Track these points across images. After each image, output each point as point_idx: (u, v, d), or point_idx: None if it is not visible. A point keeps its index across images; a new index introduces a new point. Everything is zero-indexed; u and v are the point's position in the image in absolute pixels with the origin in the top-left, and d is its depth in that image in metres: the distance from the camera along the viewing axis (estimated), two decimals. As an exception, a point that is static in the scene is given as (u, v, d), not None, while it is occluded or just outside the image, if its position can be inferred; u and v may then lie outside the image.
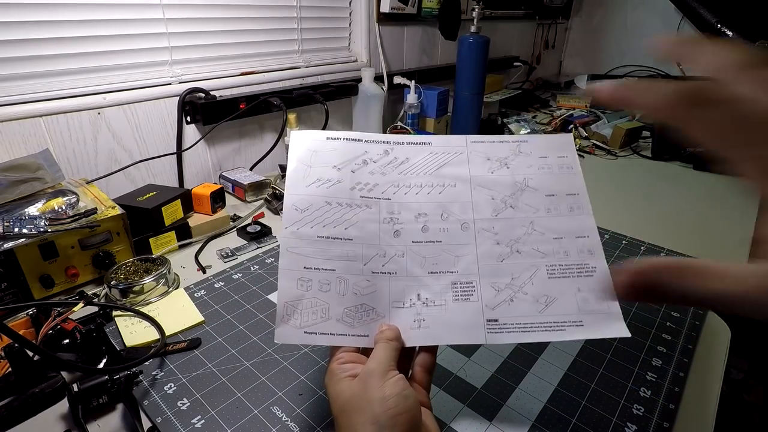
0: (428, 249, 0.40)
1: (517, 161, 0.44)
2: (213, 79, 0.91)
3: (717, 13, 1.59)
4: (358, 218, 0.40)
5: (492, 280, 0.39)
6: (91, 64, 0.76)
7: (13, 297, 0.54)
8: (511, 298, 0.38)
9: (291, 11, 1.02)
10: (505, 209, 0.42)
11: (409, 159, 0.43)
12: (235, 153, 1.00)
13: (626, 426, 0.41)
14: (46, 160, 0.65)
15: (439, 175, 0.43)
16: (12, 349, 0.40)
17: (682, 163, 1.12)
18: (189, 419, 0.41)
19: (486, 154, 0.44)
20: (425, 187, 0.42)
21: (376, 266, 0.39)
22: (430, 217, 0.41)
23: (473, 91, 1.21)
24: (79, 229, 0.57)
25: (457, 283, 0.39)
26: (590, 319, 0.37)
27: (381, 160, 0.43)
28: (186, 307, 0.56)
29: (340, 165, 0.42)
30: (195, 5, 0.85)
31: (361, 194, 0.41)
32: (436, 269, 0.39)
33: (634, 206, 0.89)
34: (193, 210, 0.77)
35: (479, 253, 0.40)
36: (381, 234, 0.40)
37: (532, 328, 0.37)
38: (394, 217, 0.41)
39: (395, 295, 0.38)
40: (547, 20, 2.01)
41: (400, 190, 0.42)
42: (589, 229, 0.40)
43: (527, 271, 0.39)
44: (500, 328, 0.37)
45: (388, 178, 0.42)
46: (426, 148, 0.44)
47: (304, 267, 0.38)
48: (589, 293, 0.38)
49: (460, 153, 0.44)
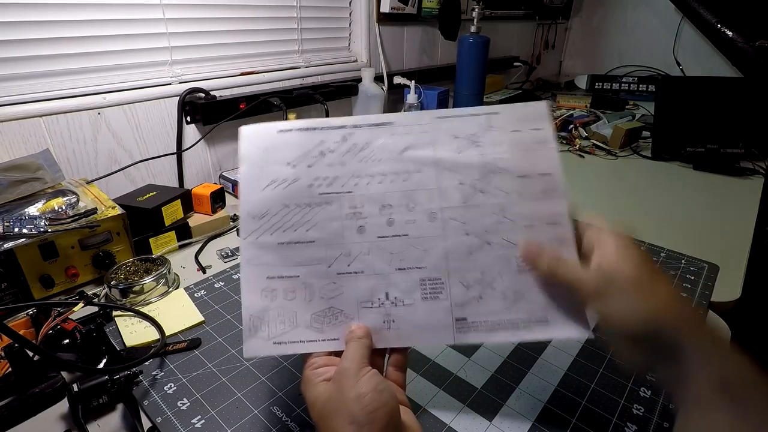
0: (395, 243, 0.38)
1: (486, 137, 0.40)
2: (213, 79, 0.91)
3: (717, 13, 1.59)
4: (319, 218, 0.38)
5: (461, 276, 0.38)
6: (91, 64, 0.76)
7: (13, 297, 0.54)
8: (480, 295, 0.37)
9: (291, 11, 1.02)
10: (474, 195, 0.39)
11: (369, 144, 0.40)
12: (235, 153, 1.00)
13: (626, 426, 0.41)
14: (46, 160, 0.65)
15: (403, 159, 0.40)
16: (12, 349, 0.40)
17: (682, 163, 1.12)
18: (189, 419, 0.41)
19: (453, 131, 0.41)
20: (389, 174, 0.39)
21: (341, 267, 0.37)
22: (395, 208, 0.39)
23: (473, 91, 1.21)
24: (79, 229, 0.57)
25: (425, 280, 0.38)
26: (555, 316, 0.37)
27: (339, 149, 0.40)
28: (186, 307, 0.56)
29: (295, 161, 0.39)
30: (195, 5, 0.85)
31: (320, 191, 0.38)
32: (404, 265, 0.38)
33: (634, 206, 0.89)
34: (193, 210, 0.77)
35: (448, 246, 0.38)
36: (344, 232, 0.38)
37: (499, 327, 0.37)
38: (357, 211, 0.38)
39: (363, 295, 0.37)
40: (547, 20, 2.01)
41: (362, 181, 0.39)
42: (561, 215, 0.38)
43: (496, 264, 0.38)
44: (468, 327, 0.37)
45: (348, 168, 0.39)
46: (387, 129, 0.40)
47: (267, 277, 0.37)
48: (557, 287, 0.37)
49: (424, 132, 0.41)
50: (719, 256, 0.69)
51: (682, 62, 1.83)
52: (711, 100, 1.14)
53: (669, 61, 1.85)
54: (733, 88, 1.17)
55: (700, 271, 0.65)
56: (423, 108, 1.27)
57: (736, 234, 0.78)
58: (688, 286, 0.62)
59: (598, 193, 0.95)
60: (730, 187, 0.99)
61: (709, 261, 0.68)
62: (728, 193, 0.96)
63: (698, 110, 1.15)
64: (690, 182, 1.02)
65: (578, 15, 2.14)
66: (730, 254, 0.70)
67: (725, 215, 0.85)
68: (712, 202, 0.92)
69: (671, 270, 0.66)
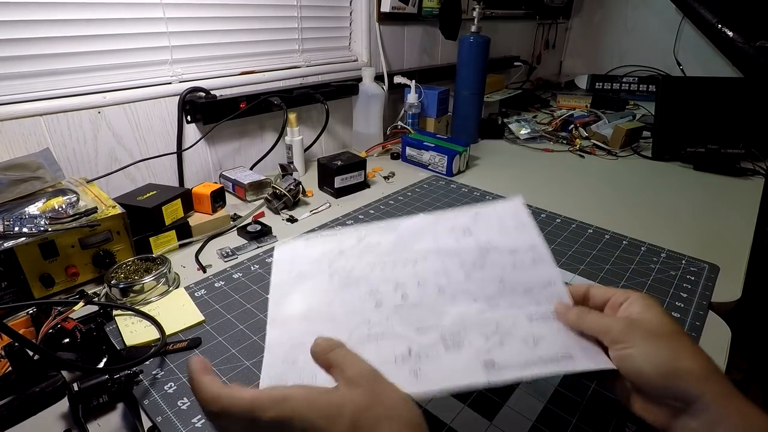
0: (411, 312, 0.41)
1: (477, 228, 0.47)
2: (213, 78, 0.91)
3: (717, 13, 1.59)
4: (340, 298, 0.42)
5: (478, 330, 0.40)
6: (92, 63, 0.76)
7: (13, 296, 0.54)
8: (501, 341, 0.39)
9: (291, 11, 1.02)
10: (475, 271, 0.45)
11: (380, 243, 0.47)
12: (235, 152, 1.00)
13: (626, 426, 0.41)
14: (46, 159, 0.65)
15: (411, 250, 0.46)
16: (12, 348, 0.40)
17: (683, 164, 1.12)
18: (189, 419, 0.41)
19: (449, 227, 0.48)
20: (399, 262, 0.45)
21: (362, 332, 0.39)
22: (407, 286, 0.43)
23: (473, 90, 1.21)
24: (80, 229, 0.57)
25: (446, 335, 0.39)
26: (578, 353, 0.39)
27: (356, 247, 0.46)
28: (186, 306, 0.56)
29: (318, 260, 0.45)
30: (195, 4, 0.85)
31: (339, 278, 0.44)
32: (423, 325, 0.40)
33: (634, 206, 0.89)
34: (194, 209, 0.77)
35: (460, 310, 0.42)
36: (363, 305, 0.41)
37: (529, 364, 0.38)
38: (374, 290, 0.43)
39: (385, 355, 0.38)
40: (548, 20, 2.00)
41: (377, 268, 0.45)
42: (553, 278, 0.43)
43: (508, 319, 0.41)
44: (499, 368, 0.37)
45: (364, 260, 0.45)
46: (395, 235, 0.48)
47: (291, 345, 0.39)
48: (570, 330, 0.40)
49: (426, 230, 0.48)
50: (719, 257, 0.69)
51: (682, 62, 1.83)
52: (711, 101, 1.14)
53: (669, 61, 1.85)
54: (733, 88, 1.17)
55: (700, 272, 0.65)
56: (424, 107, 1.27)
57: (737, 234, 0.78)
58: (688, 286, 0.62)
59: (598, 194, 0.95)
60: (731, 187, 1.00)
61: (710, 261, 0.68)
62: (729, 194, 0.96)
63: (699, 110, 1.15)
64: (690, 183, 1.02)
65: (578, 15, 2.14)
66: (731, 255, 0.70)
67: (726, 216, 0.85)
68: (712, 202, 0.92)
69: (671, 270, 0.66)
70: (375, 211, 0.84)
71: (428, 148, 1.05)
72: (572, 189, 0.97)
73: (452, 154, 1.01)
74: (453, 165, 1.02)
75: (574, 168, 1.10)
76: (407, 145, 1.10)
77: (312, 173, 1.03)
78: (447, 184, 0.98)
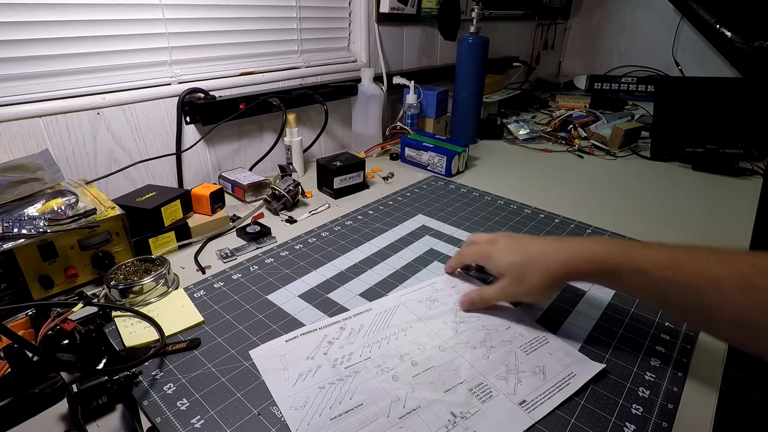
0: (429, 376, 0.44)
1: (439, 295, 0.57)
2: (212, 79, 0.91)
3: (716, 13, 1.59)
4: (356, 384, 0.43)
5: (495, 373, 0.45)
6: (91, 65, 0.76)
7: (13, 297, 0.54)
8: (518, 380, 0.44)
9: (290, 11, 1.02)
10: (458, 325, 0.51)
11: (363, 326, 0.51)
12: (234, 153, 1.00)
13: (625, 426, 0.41)
14: (46, 160, 0.65)
15: (394, 326, 0.51)
16: (11, 349, 0.40)
17: (681, 164, 1.12)
18: (188, 419, 0.41)
19: (416, 299, 0.56)
20: (390, 336, 0.49)
21: (398, 411, 0.40)
22: (411, 354, 0.47)
23: (472, 91, 1.21)
24: (79, 230, 0.57)
25: (473, 388, 0.43)
26: (576, 369, 0.46)
27: (342, 335, 0.50)
28: (185, 307, 0.56)
29: (311, 354, 0.47)
30: (194, 5, 0.85)
31: (344, 366, 0.45)
32: (448, 386, 0.43)
33: (633, 207, 0.89)
34: (193, 210, 0.77)
35: (468, 359, 0.46)
36: (383, 385, 0.43)
37: (551, 393, 0.43)
38: (384, 367, 0.45)
39: (434, 424, 0.39)
40: (547, 20, 2.01)
41: (374, 347, 0.48)
42: (519, 316, 0.53)
43: (510, 356, 0.47)
44: (532, 405, 0.41)
45: (357, 344, 0.48)
46: (370, 313, 0.53)
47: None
48: (557, 353, 0.48)
49: (397, 306, 0.55)
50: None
51: (681, 62, 1.83)
52: (710, 101, 1.15)
53: (668, 62, 1.85)
54: (732, 88, 1.17)
55: (699, 272, 0.65)
56: (423, 108, 1.27)
57: (735, 234, 0.78)
58: (687, 286, 0.62)
59: (597, 194, 0.95)
60: (729, 187, 1.00)
61: (708, 261, 0.68)
62: (727, 194, 0.96)
63: (697, 111, 1.15)
64: (689, 182, 1.02)
65: (577, 15, 2.14)
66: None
67: (724, 215, 0.86)
68: (711, 202, 0.92)
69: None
70: (374, 211, 0.85)
71: (427, 149, 1.05)
72: (571, 189, 0.97)
73: (451, 155, 1.01)
74: (452, 165, 1.02)
75: (573, 168, 1.11)
76: (406, 145, 1.10)
77: (311, 174, 1.03)
78: (446, 185, 0.98)
